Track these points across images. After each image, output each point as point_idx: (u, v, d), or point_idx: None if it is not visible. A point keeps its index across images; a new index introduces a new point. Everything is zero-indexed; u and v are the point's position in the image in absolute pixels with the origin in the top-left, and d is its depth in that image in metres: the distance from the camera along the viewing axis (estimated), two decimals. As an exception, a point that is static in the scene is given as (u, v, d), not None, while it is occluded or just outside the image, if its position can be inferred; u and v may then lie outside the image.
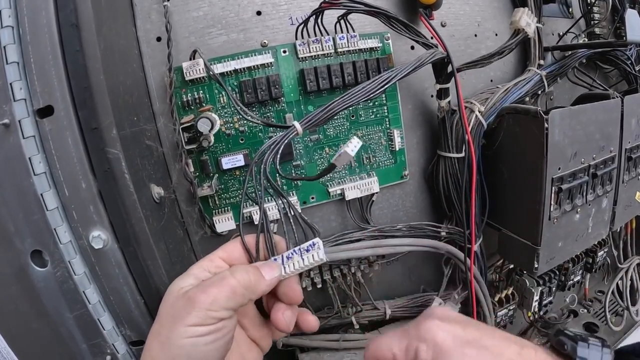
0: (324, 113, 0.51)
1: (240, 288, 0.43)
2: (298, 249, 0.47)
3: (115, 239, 0.46)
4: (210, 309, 0.41)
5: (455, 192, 0.74)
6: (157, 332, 0.42)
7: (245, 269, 0.45)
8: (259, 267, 0.46)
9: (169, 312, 0.42)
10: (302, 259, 0.47)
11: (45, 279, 0.46)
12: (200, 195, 0.63)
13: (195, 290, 0.42)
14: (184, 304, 0.41)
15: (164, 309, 0.43)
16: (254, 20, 0.66)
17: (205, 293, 0.41)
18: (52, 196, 0.45)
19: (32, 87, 0.43)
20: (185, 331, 0.40)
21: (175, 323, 0.40)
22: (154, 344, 0.41)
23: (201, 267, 0.46)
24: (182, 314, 0.41)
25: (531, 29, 0.75)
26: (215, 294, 0.42)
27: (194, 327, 0.40)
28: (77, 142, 0.44)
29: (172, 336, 0.40)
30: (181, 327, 0.40)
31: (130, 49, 0.59)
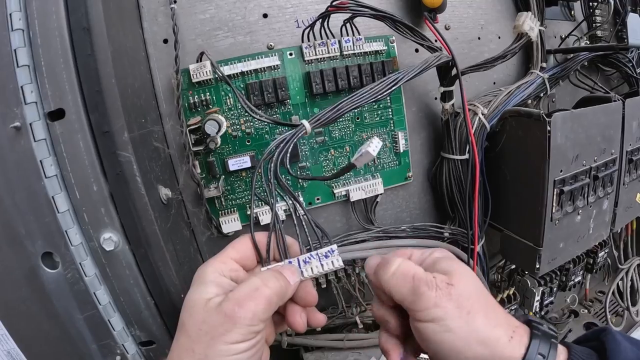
0: (333, 112, 0.51)
1: (275, 297, 0.42)
2: (316, 254, 0.46)
3: (126, 241, 0.47)
4: (251, 324, 0.39)
5: (459, 194, 0.75)
6: (188, 348, 0.39)
7: (275, 276, 0.43)
8: (281, 271, 0.44)
9: (201, 328, 0.39)
10: (322, 264, 0.46)
11: (56, 281, 0.46)
12: (207, 196, 0.64)
13: (232, 305, 0.39)
14: (222, 320, 0.39)
15: (194, 323, 0.40)
16: (261, 23, 0.67)
17: (243, 308, 0.39)
18: (64, 199, 0.45)
19: (43, 90, 0.43)
20: (228, 349, 0.38)
21: (213, 340, 0.38)
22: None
23: (216, 272, 0.44)
24: (221, 331, 0.38)
25: (534, 33, 0.76)
26: (254, 308, 0.40)
27: (236, 345, 0.39)
28: (88, 145, 0.44)
29: (210, 354, 0.38)
30: (222, 345, 0.38)
31: (137, 51, 0.59)
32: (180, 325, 0.41)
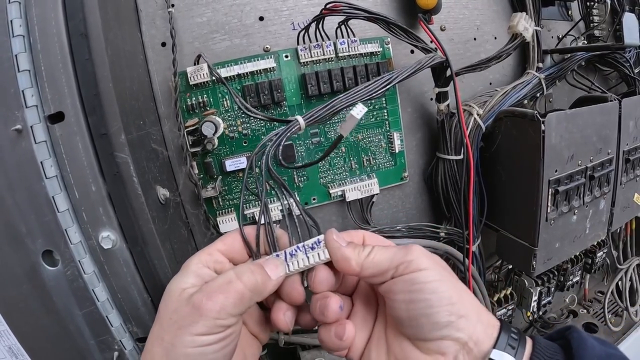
0: (326, 109, 0.51)
1: (248, 292, 0.40)
2: (302, 245, 0.44)
3: (123, 239, 0.48)
4: (218, 317, 0.38)
5: (454, 194, 0.75)
6: (159, 336, 0.40)
7: (250, 269, 0.41)
8: (263, 264, 0.43)
9: (171, 318, 0.39)
10: (307, 257, 0.43)
11: (56, 278, 0.48)
12: (204, 196, 0.65)
13: (201, 296, 0.39)
14: (190, 311, 0.39)
15: (166, 312, 0.40)
16: (257, 26, 0.68)
17: (211, 300, 0.38)
18: (63, 198, 0.46)
19: (43, 94, 0.45)
20: (192, 340, 0.38)
21: (180, 330, 0.38)
22: (157, 349, 0.39)
23: (200, 263, 0.44)
24: (188, 322, 0.38)
25: (529, 33, 0.76)
26: (223, 301, 0.39)
27: (201, 337, 0.38)
28: (87, 146, 0.45)
29: (177, 343, 0.38)
30: (187, 335, 0.38)
31: (135, 54, 0.60)
32: (157, 313, 0.42)
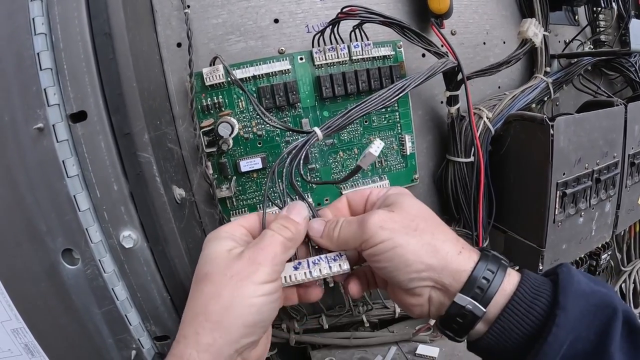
0: (343, 119, 0.53)
1: (288, 242, 0.44)
2: (325, 256, 0.48)
3: (144, 239, 0.48)
4: (273, 263, 0.42)
5: (464, 196, 0.76)
6: (215, 294, 0.40)
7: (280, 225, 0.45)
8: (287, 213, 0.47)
9: (226, 274, 0.41)
10: (329, 266, 0.47)
11: (76, 277, 0.48)
12: (219, 196, 0.65)
13: (254, 250, 0.42)
14: (247, 264, 0.41)
15: (218, 271, 0.42)
16: (272, 28, 0.68)
17: (265, 250, 0.42)
18: (84, 197, 0.46)
19: (65, 93, 0.45)
20: (255, 290, 0.40)
21: (241, 282, 0.40)
22: (215, 307, 0.40)
23: (228, 232, 0.46)
24: (247, 273, 0.40)
25: (538, 38, 0.78)
26: (274, 250, 0.42)
27: (263, 285, 0.41)
28: (109, 146, 0.46)
29: (239, 295, 0.40)
30: (250, 285, 0.40)
31: (152, 54, 0.61)
32: (202, 277, 0.42)
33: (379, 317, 0.80)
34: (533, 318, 0.41)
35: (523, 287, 0.42)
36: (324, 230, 0.48)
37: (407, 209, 0.46)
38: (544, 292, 0.42)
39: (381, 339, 0.77)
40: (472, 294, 0.42)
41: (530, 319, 0.41)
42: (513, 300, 0.42)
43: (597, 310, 0.40)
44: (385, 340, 0.77)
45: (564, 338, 0.39)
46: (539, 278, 0.43)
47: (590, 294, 0.41)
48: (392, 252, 0.43)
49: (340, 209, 0.51)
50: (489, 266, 0.43)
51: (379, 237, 0.43)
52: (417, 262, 0.43)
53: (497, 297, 0.42)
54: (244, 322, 0.40)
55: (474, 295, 0.42)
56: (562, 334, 0.39)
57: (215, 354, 0.39)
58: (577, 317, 0.39)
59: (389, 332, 0.80)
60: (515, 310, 0.41)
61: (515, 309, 0.41)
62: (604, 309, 0.40)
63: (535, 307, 0.41)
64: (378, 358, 0.74)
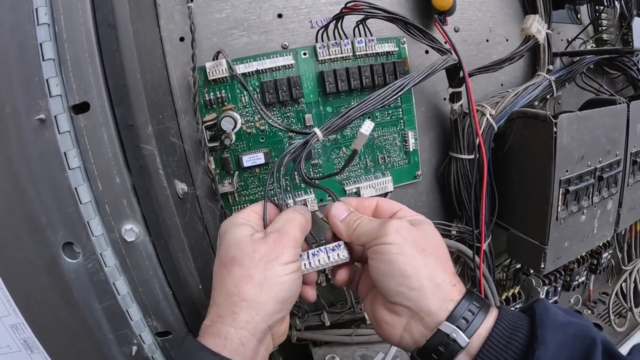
0: (342, 120, 0.54)
1: (303, 225, 0.49)
2: (324, 247, 0.50)
3: (147, 232, 0.48)
4: (295, 245, 0.46)
5: (466, 192, 0.76)
6: (246, 275, 0.43)
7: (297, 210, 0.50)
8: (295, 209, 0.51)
9: (254, 257, 0.44)
10: (328, 256, 0.50)
11: (76, 271, 0.47)
12: (221, 191, 0.65)
13: (277, 234, 0.46)
14: (273, 246, 0.45)
15: (246, 254, 0.45)
16: (275, 23, 0.68)
17: (288, 235, 0.46)
18: (86, 190, 0.46)
19: (68, 84, 0.44)
20: (283, 269, 0.44)
21: (269, 264, 0.44)
22: (247, 288, 0.43)
23: (244, 219, 0.49)
24: (275, 255, 0.44)
25: (542, 35, 0.77)
26: (294, 232, 0.47)
27: (289, 264, 0.45)
28: (112, 138, 0.45)
29: (270, 275, 0.43)
30: (278, 266, 0.44)
31: (154, 48, 0.60)
32: (230, 260, 0.45)
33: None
34: (512, 353, 0.41)
35: (501, 323, 0.43)
36: (346, 217, 0.51)
37: (426, 231, 0.48)
38: (521, 327, 0.43)
39: (383, 337, 0.76)
40: (458, 324, 0.43)
41: (510, 354, 0.41)
42: (492, 334, 0.43)
43: (575, 341, 0.41)
44: (387, 337, 0.76)
45: None
46: (516, 314, 0.45)
47: (567, 325, 0.42)
48: (394, 257, 0.45)
49: (365, 207, 0.54)
50: (475, 301, 0.45)
51: (392, 237, 0.45)
52: (413, 276, 0.44)
53: (480, 330, 0.43)
54: (276, 298, 0.44)
55: (459, 325, 0.43)
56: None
57: (252, 330, 0.43)
58: (556, 349, 0.40)
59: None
60: (495, 345, 0.42)
61: (495, 344, 0.42)
62: (583, 339, 0.41)
63: (514, 342, 0.42)
64: (380, 355, 0.74)
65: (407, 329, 0.46)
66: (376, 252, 0.46)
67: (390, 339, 0.48)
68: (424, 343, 0.45)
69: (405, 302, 0.45)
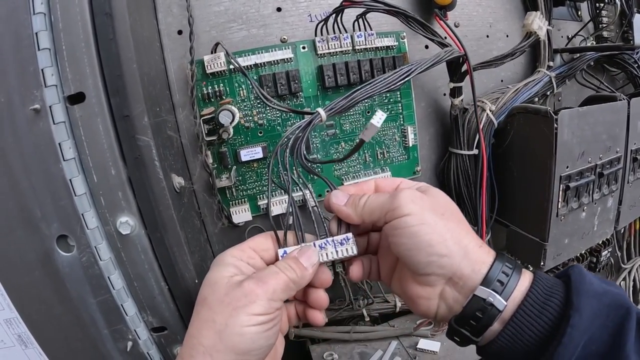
0: (347, 101, 0.52)
1: (291, 283, 0.44)
2: (332, 240, 0.48)
3: (142, 225, 0.47)
4: (271, 298, 0.42)
5: (466, 189, 0.75)
6: (209, 319, 0.42)
7: (289, 266, 0.45)
8: (298, 257, 0.46)
9: (224, 301, 0.42)
10: (336, 250, 0.48)
11: (71, 264, 0.47)
12: (218, 186, 0.64)
13: (254, 281, 0.43)
14: (244, 293, 0.42)
15: (216, 297, 0.43)
16: (274, 17, 0.67)
17: (266, 284, 0.42)
18: (81, 182, 0.45)
19: (64, 74, 0.44)
20: (248, 320, 0.41)
21: (235, 311, 0.41)
22: (208, 333, 0.41)
23: (234, 257, 0.46)
24: (244, 303, 0.41)
25: (542, 32, 0.77)
26: (275, 285, 0.43)
27: (257, 316, 0.41)
28: (107, 129, 0.44)
29: (232, 323, 0.40)
30: (244, 315, 0.41)
31: (152, 41, 0.60)
32: (201, 300, 0.43)
33: (380, 311, 0.79)
34: (546, 319, 0.40)
35: (536, 287, 0.42)
36: (348, 199, 0.48)
37: (438, 197, 0.47)
38: (556, 293, 0.41)
39: (382, 334, 0.76)
40: (493, 287, 0.42)
41: (544, 319, 0.40)
42: (527, 299, 0.41)
43: (610, 311, 0.40)
44: (385, 334, 0.76)
45: (578, 339, 0.38)
46: (550, 279, 0.43)
47: (602, 294, 0.41)
48: (417, 228, 0.42)
49: (365, 190, 0.51)
50: (507, 263, 0.43)
51: (408, 208, 0.43)
52: (440, 244, 0.42)
53: (515, 293, 0.42)
54: (234, 349, 0.40)
55: (495, 288, 0.42)
56: (577, 335, 0.38)
57: None
58: (591, 318, 0.39)
59: (389, 326, 0.79)
60: (529, 309, 0.41)
61: (529, 309, 0.41)
62: (617, 310, 0.40)
63: (549, 307, 0.41)
64: (378, 353, 0.73)
65: (442, 297, 0.45)
66: (395, 227, 0.44)
67: (429, 312, 0.46)
68: (460, 310, 0.43)
69: (438, 270, 0.43)
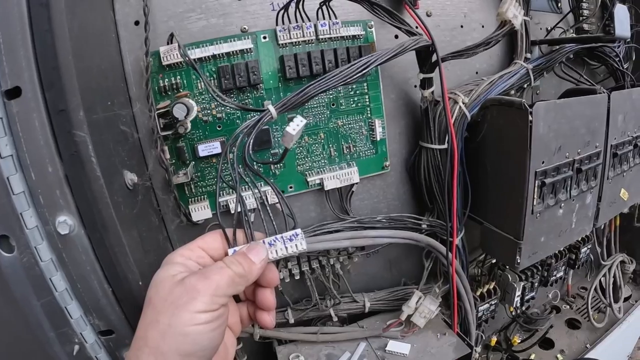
0: (299, 97, 0.50)
1: (237, 278, 0.44)
2: (281, 236, 0.48)
3: (82, 225, 0.45)
4: (215, 294, 0.41)
5: (437, 184, 0.73)
6: (153, 320, 0.40)
7: (237, 260, 0.45)
8: (246, 252, 0.46)
9: (166, 299, 0.41)
10: (285, 247, 0.48)
11: (12, 265, 0.44)
12: (175, 182, 0.62)
13: (196, 277, 0.42)
14: (186, 290, 0.41)
15: (158, 296, 0.42)
16: (235, 5, 0.65)
17: (208, 279, 0.42)
18: (19, 180, 0.43)
19: (1, 68, 0.41)
20: (190, 318, 0.40)
21: (177, 309, 0.40)
22: (152, 333, 0.40)
23: (183, 257, 0.46)
24: (185, 301, 0.40)
25: (518, 21, 0.74)
26: (218, 280, 0.42)
27: (200, 314, 0.40)
28: (44, 124, 0.42)
29: (175, 323, 0.39)
30: (186, 313, 0.40)
31: (107, 32, 0.58)
32: (147, 302, 0.42)
33: (348, 312, 0.77)
34: None
35: None
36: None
37: None
38: None
39: (350, 335, 0.74)
40: None
41: None
42: None
43: None
44: (354, 335, 0.74)
45: None
46: None
47: None
48: None
49: None
50: None
51: None
52: None
53: None
54: (178, 350, 0.39)
55: None
56: None
57: None
58: None
59: (358, 327, 0.77)
60: None
61: None
62: None
63: None
64: (346, 354, 0.71)
65: None
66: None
67: None
68: None
69: None
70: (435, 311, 0.74)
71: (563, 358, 1.00)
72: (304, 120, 0.47)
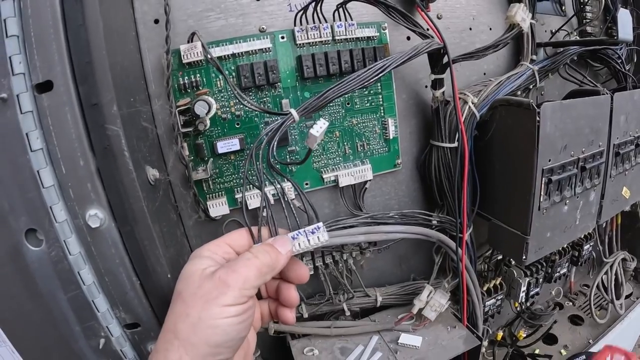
0: (319, 101, 0.52)
1: (265, 267, 0.45)
2: (303, 230, 0.50)
3: (112, 218, 0.45)
4: (243, 287, 0.42)
5: (447, 182, 0.75)
6: (183, 313, 0.42)
7: (264, 249, 0.46)
8: (273, 242, 0.48)
9: (196, 294, 0.42)
10: (308, 239, 0.49)
11: (40, 259, 0.45)
12: (194, 179, 0.63)
13: (225, 271, 0.43)
14: (216, 284, 0.42)
15: (188, 290, 0.43)
16: (253, 6, 0.66)
17: (236, 273, 0.43)
18: (49, 173, 0.43)
19: (32, 62, 0.42)
20: (220, 312, 0.41)
21: (207, 303, 0.41)
22: (182, 326, 0.41)
23: (211, 251, 0.47)
24: (215, 295, 0.41)
25: (526, 24, 0.76)
26: (246, 273, 0.43)
27: (229, 307, 0.41)
28: (76, 118, 0.43)
29: (205, 316, 0.41)
30: (216, 307, 0.41)
31: (127, 30, 0.58)
32: (176, 295, 0.44)
33: (361, 306, 0.78)
34: None
35: None
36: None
37: None
38: None
39: (363, 328, 0.76)
40: None
41: None
42: None
43: None
44: (366, 329, 0.76)
45: None
46: None
47: None
48: None
49: None
50: None
51: None
52: None
53: None
54: (208, 342, 0.41)
55: None
56: None
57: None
58: None
59: (370, 321, 0.79)
60: None
61: None
62: None
63: None
64: (359, 348, 0.72)
65: None
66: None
67: None
68: None
69: None
70: (445, 305, 0.75)
71: (566, 353, 1.01)
72: (326, 123, 0.50)
